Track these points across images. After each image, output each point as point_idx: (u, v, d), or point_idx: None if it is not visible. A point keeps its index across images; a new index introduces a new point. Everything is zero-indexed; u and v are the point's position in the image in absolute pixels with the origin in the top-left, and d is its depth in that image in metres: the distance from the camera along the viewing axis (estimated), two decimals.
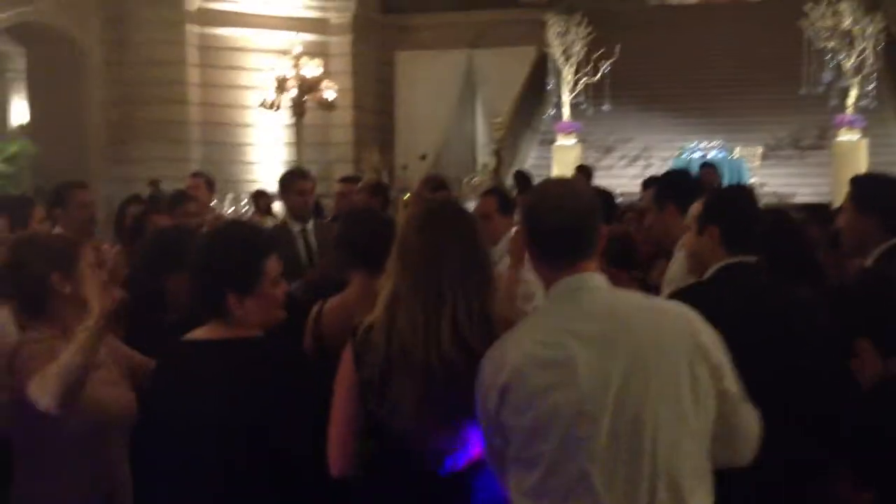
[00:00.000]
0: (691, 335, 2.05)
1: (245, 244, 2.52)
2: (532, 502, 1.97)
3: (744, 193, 3.08)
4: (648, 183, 4.09)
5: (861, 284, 3.21)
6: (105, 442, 2.68)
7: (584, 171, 8.41)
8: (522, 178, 9.33)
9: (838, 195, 14.11)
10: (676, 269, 3.36)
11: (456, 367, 2.16)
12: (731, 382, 2.09)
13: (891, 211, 3.33)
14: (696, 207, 2.99)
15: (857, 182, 3.56)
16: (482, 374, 2.05)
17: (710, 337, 2.07)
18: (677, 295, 3.06)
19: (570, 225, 2.07)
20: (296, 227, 5.26)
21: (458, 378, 2.14)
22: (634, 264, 3.97)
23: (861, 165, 14.26)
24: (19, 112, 18.32)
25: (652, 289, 3.78)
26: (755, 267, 2.83)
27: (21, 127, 17.46)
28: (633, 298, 2.19)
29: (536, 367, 1.96)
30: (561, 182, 2.12)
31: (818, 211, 5.31)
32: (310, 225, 5.34)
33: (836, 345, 2.82)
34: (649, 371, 1.96)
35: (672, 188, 3.89)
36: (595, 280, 2.08)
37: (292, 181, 5.46)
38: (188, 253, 2.67)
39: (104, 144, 16.55)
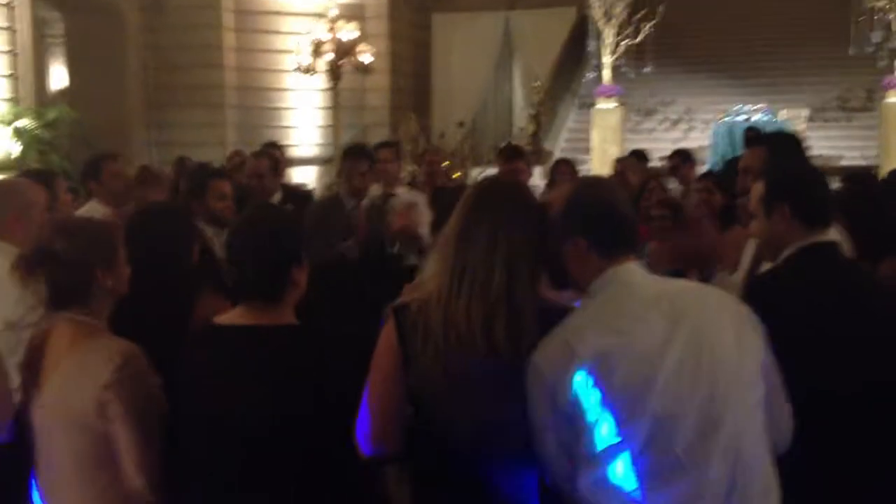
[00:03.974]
0: (739, 310, 2.13)
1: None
2: (612, 492, 1.94)
3: (806, 165, 2.86)
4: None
5: None
6: None
7: (638, 156, 8.25)
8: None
9: (886, 158, 13.79)
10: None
11: (504, 360, 2.09)
12: (772, 357, 2.13)
13: None
14: (757, 189, 2.72)
15: None
16: (544, 370, 2.01)
17: (753, 314, 2.14)
18: (755, 284, 2.87)
19: (632, 219, 2.19)
20: (350, 203, 5.31)
21: (503, 371, 2.08)
22: None
23: None
24: (59, 78, 18.41)
25: None
26: (834, 248, 2.64)
27: (61, 92, 17.53)
28: (676, 282, 2.29)
29: (611, 352, 1.97)
30: (608, 180, 2.17)
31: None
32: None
33: None
34: (714, 346, 2.01)
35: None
36: (640, 268, 2.16)
37: (359, 159, 5.41)
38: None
39: (142, 109, 16.62)
